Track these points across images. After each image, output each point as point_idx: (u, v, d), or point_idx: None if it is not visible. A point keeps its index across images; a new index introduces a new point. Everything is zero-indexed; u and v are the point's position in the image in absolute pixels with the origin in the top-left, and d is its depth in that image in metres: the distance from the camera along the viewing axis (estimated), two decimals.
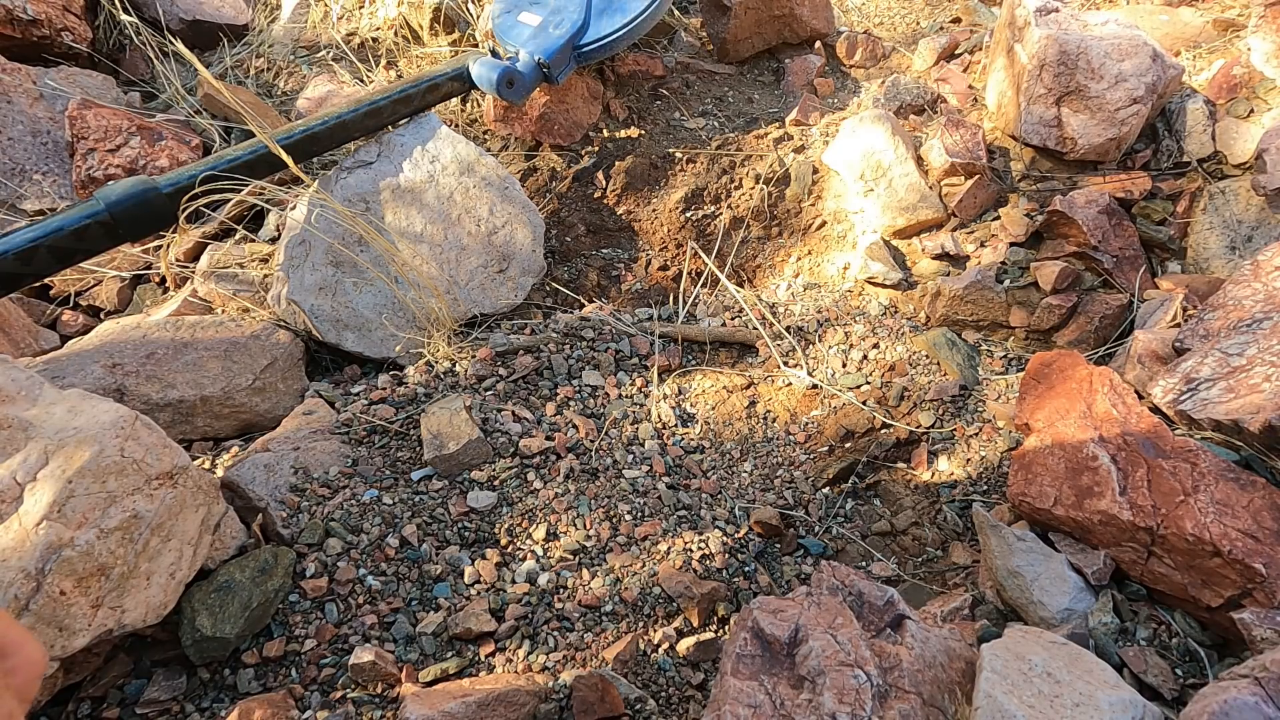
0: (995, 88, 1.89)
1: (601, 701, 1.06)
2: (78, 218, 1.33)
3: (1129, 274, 1.62)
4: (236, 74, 2.14)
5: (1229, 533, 1.00)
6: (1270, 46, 1.69)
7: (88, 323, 1.66)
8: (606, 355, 1.64)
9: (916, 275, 1.79)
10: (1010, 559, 1.14)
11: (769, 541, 1.39)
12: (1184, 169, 1.71)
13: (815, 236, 1.91)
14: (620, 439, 1.50)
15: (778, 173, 1.92)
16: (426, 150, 1.72)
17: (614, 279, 1.87)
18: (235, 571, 1.12)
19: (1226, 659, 1.02)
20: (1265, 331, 1.20)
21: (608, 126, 2.00)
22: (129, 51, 2.13)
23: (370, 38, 2.16)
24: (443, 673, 1.11)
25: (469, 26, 2.08)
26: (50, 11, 1.96)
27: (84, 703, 1.03)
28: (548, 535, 1.30)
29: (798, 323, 1.76)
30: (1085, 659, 0.91)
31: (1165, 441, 1.12)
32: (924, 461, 1.50)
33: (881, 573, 1.33)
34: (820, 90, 2.14)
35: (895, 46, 2.27)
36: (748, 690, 0.87)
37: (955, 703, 0.90)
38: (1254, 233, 1.58)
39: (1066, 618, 1.08)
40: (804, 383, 1.64)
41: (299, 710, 1.05)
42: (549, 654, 1.16)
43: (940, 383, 1.59)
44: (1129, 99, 1.65)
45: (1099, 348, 1.58)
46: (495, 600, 1.20)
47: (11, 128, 1.80)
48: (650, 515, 1.37)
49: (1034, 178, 1.80)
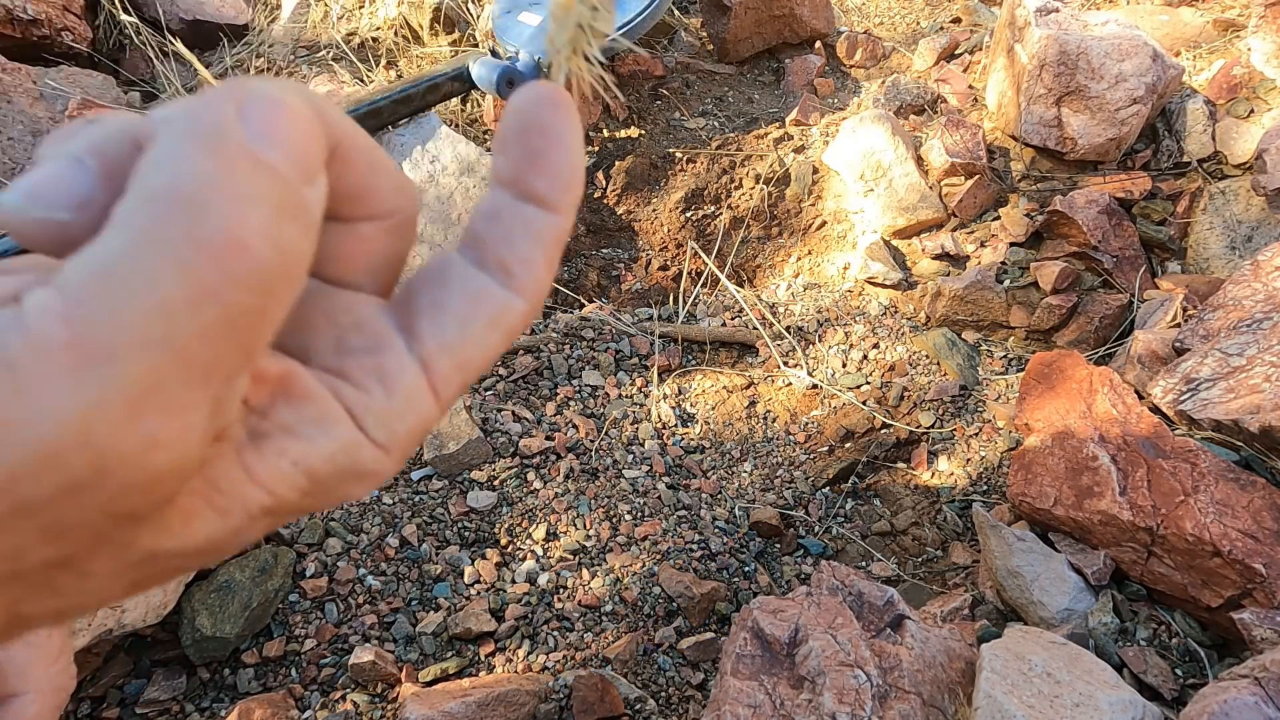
0: (995, 88, 1.89)
1: (601, 701, 1.06)
2: None
3: (1129, 274, 1.62)
4: (237, 74, 2.14)
5: (1229, 533, 1.00)
6: (1270, 46, 1.69)
7: None
8: (606, 355, 1.64)
9: (916, 275, 1.79)
10: (1010, 559, 1.14)
11: (769, 541, 1.39)
12: (1184, 169, 1.71)
13: (815, 236, 1.91)
14: (620, 439, 1.50)
15: (778, 173, 1.92)
16: (426, 150, 1.72)
17: (614, 279, 1.87)
18: (235, 571, 1.12)
19: (1226, 659, 1.02)
20: (1265, 331, 1.20)
21: (607, 126, 2.00)
22: (129, 51, 2.13)
23: (370, 38, 2.16)
24: (443, 673, 1.11)
25: (469, 26, 2.08)
26: (50, 11, 1.96)
27: (84, 703, 1.03)
28: (548, 535, 1.30)
29: (798, 323, 1.76)
30: (1085, 659, 0.91)
31: (1165, 441, 1.12)
32: (924, 461, 1.50)
33: (881, 573, 1.33)
34: (820, 90, 2.14)
35: (895, 46, 2.27)
36: (748, 690, 0.87)
37: (955, 703, 0.90)
38: (1254, 233, 1.58)
39: (1066, 618, 1.08)
40: (804, 383, 1.64)
41: (299, 710, 1.05)
42: (549, 654, 1.16)
43: (940, 383, 1.59)
44: (1129, 99, 1.65)
45: (1099, 348, 1.58)
46: (495, 600, 1.20)
47: (11, 128, 1.80)
48: (650, 515, 1.37)
49: (1034, 178, 1.80)
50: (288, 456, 0.19)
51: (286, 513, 0.20)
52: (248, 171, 0.16)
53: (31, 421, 0.15)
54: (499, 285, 0.21)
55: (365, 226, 0.22)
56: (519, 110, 0.21)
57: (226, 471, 0.18)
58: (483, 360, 0.21)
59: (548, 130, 0.21)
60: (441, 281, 0.21)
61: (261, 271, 0.16)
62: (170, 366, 0.15)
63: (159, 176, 0.16)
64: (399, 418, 0.20)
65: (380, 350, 0.20)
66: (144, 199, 0.16)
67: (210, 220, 0.15)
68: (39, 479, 0.15)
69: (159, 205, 0.15)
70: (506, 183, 0.21)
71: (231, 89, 0.17)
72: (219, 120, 0.16)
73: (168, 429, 0.16)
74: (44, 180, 0.18)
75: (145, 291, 0.15)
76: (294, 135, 0.17)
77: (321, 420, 0.19)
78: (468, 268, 0.21)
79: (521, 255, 0.21)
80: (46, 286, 0.15)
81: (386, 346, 0.20)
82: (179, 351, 0.15)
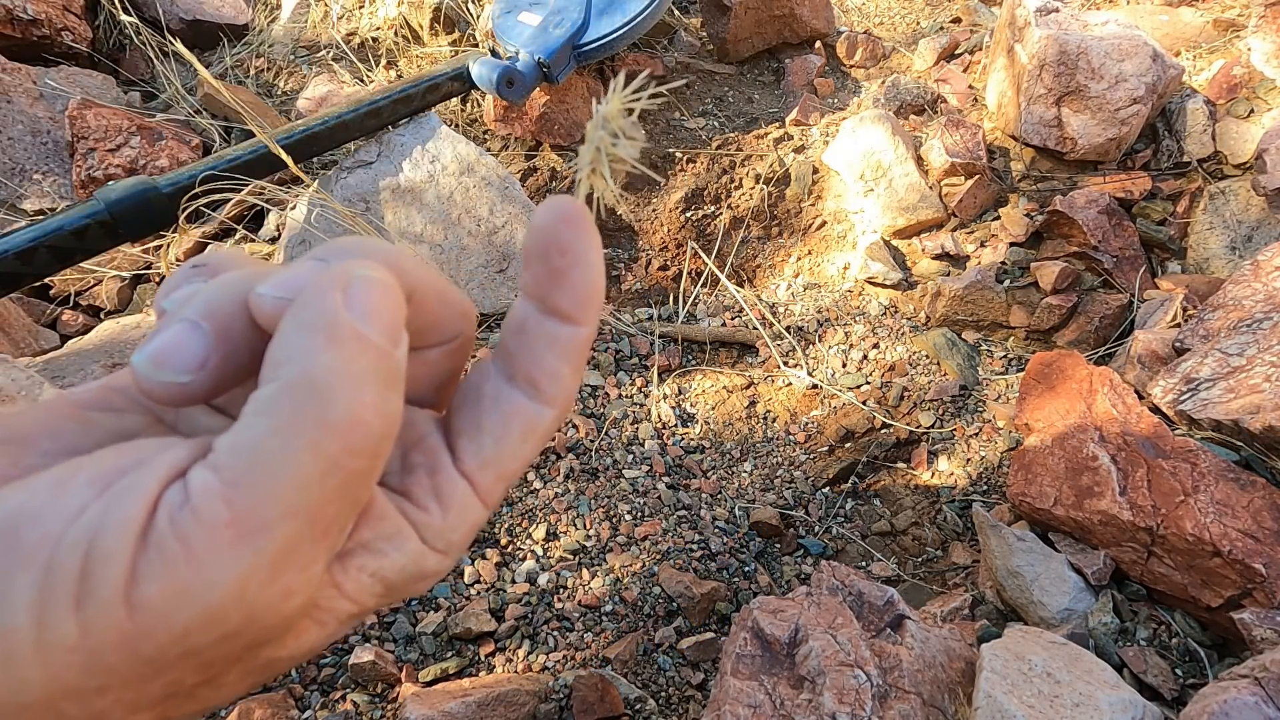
0: (995, 88, 1.89)
1: (601, 701, 1.06)
2: (78, 218, 1.33)
3: (1129, 274, 1.62)
4: (236, 74, 2.14)
5: (1229, 533, 1.00)
6: (1270, 46, 1.69)
7: (88, 322, 1.66)
8: (606, 355, 1.64)
9: (916, 275, 1.79)
10: (1010, 559, 1.14)
11: (769, 541, 1.39)
12: (1184, 169, 1.71)
13: (815, 236, 1.91)
14: (620, 439, 1.50)
15: (778, 173, 1.92)
16: (426, 150, 1.72)
17: (614, 279, 1.87)
18: None
19: (1226, 659, 1.02)
20: (1265, 331, 1.20)
21: None
22: (129, 51, 2.13)
23: (370, 38, 2.16)
24: (443, 672, 1.11)
25: (469, 26, 2.08)
26: (50, 11, 1.96)
27: None
28: (548, 535, 1.30)
29: (798, 323, 1.76)
30: (1085, 659, 0.91)
31: (1165, 441, 1.12)
32: (924, 461, 1.50)
33: (881, 573, 1.33)
34: (820, 90, 2.13)
35: (895, 46, 2.27)
36: (748, 690, 0.87)
37: (955, 703, 0.90)
38: (1254, 233, 1.58)
39: (1066, 618, 1.08)
40: (804, 383, 1.64)
41: (299, 710, 1.05)
42: (549, 654, 1.16)
43: (940, 383, 1.59)
44: (1129, 99, 1.65)
45: (1099, 348, 1.58)
46: (495, 600, 1.20)
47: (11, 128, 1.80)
48: (650, 515, 1.37)
49: (1034, 178, 1.80)
50: (367, 570, 0.22)
51: (365, 615, 0.23)
52: (358, 353, 0.19)
53: (202, 588, 0.18)
54: (528, 399, 0.24)
55: (432, 352, 0.25)
56: (542, 228, 0.23)
57: (323, 591, 0.21)
58: (520, 467, 0.24)
59: (568, 249, 0.23)
60: (477, 400, 0.24)
61: (374, 439, 0.20)
62: (304, 531, 0.19)
63: (291, 370, 0.19)
64: (454, 530, 0.23)
65: (436, 470, 0.24)
66: (283, 390, 0.19)
67: (336, 406, 0.19)
68: (205, 631, 0.19)
69: (295, 396, 0.19)
70: (533, 296, 0.24)
71: (336, 274, 0.20)
72: (332, 310, 0.20)
73: (299, 580, 0.20)
74: (168, 347, 0.22)
75: (288, 472, 0.18)
76: (386, 308, 0.20)
77: (394, 537, 0.22)
78: (500, 384, 0.24)
79: (548, 370, 0.24)
80: (206, 469, 0.19)
81: (441, 466, 0.24)
82: (311, 517, 0.19)
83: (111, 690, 0.18)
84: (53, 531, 0.18)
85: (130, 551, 0.18)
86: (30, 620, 0.17)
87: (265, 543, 0.18)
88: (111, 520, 0.18)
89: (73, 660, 0.18)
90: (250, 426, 0.19)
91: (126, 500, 0.18)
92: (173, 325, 0.22)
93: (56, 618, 0.17)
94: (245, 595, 0.18)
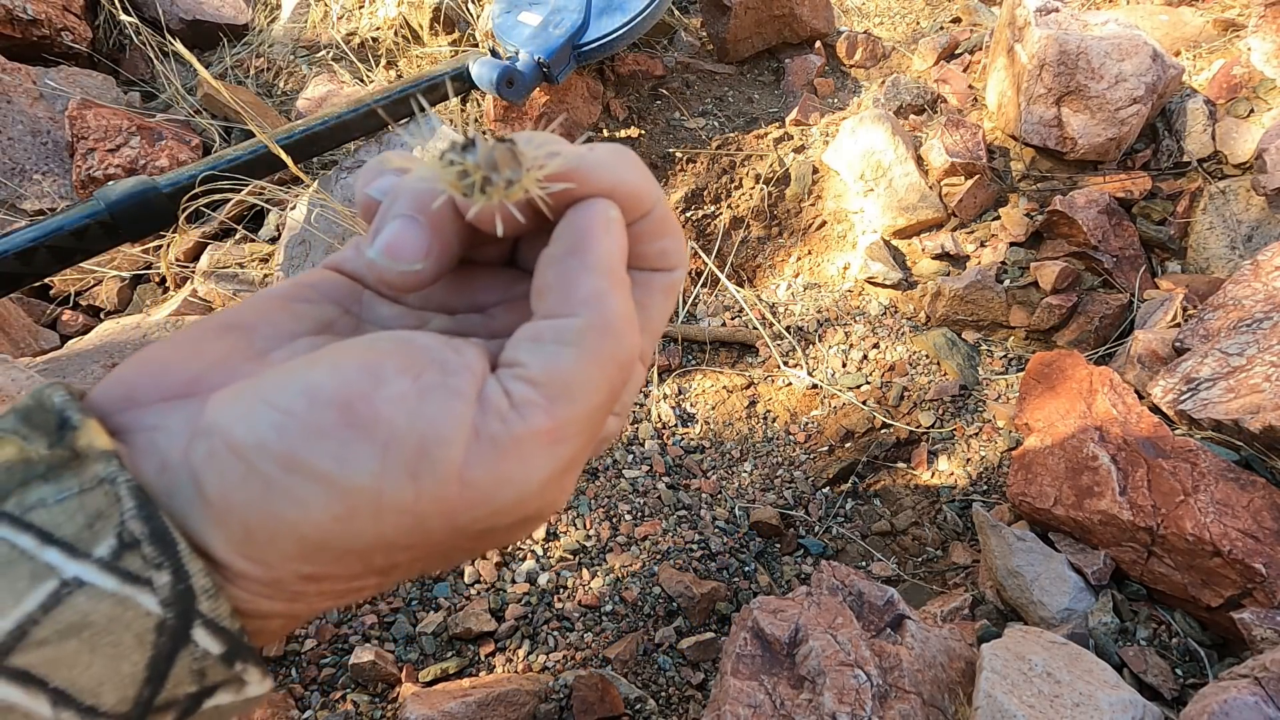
0: (995, 88, 1.89)
1: (601, 701, 1.06)
2: (78, 218, 1.33)
3: (1129, 274, 1.62)
4: (236, 74, 2.14)
5: (1229, 533, 1.00)
6: (1270, 46, 1.69)
7: (88, 323, 1.66)
8: None
9: (916, 275, 1.79)
10: (1010, 559, 1.14)
11: (769, 541, 1.39)
12: (1184, 169, 1.71)
13: (815, 236, 1.91)
14: (620, 439, 1.50)
15: (778, 173, 1.92)
16: (426, 150, 1.72)
17: None
18: None
19: (1226, 659, 1.02)
20: (1265, 331, 1.20)
21: (608, 126, 2.00)
22: (129, 51, 2.13)
23: (370, 38, 2.16)
24: (443, 672, 1.11)
25: (469, 26, 2.08)
26: (50, 11, 1.96)
27: None
28: (547, 535, 1.30)
29: (798, 323, 1.76)
30: (1085, 659, 0.91)
31: (1165, 441, 1.12)
32: (924, 461, 1.50)
33: (881, 573, 1.33)
34: (820, 90, 2.13)
35: (895, 46, 2.27)
36: (748, 690, 0.87)
37: (955, 703, 0.90)
38: (1254, 233, 1.58)
39: (1066, 618, 1.08)
40: (804, 383, 1.64)
41: (299, 710, 1.05)
42: (549, 654, 1.16)
43: (940, 383, 1.59)
44: (1129, 99, 1.65)
45: (1099, 348, 1.58)
46: (495, 600, 1.20)
47: (11, 128, 1.80)
48: (650, 515, 1.37)
49: (1034, 178, 1.80)
50: None
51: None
52: (629, 296, 0.24)
53: (523, 478, 0.22)
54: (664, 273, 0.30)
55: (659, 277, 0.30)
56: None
57: None
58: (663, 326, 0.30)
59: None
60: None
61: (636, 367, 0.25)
62: (589, 440, 0.24)
63: (593, 311, 0.23)
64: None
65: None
66: (588, 329, 0.23)
67: (625, 347, 0.23)
68: (511, 512, 0.23)
69: (599, 335, 0.23)
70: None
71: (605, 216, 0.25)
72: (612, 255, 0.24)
73: (572, 479, 0.24)
74: (397, 241, 0.25)
75: (591, 399, 0.23)
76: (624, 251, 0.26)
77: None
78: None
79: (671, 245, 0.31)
80: (525, 384, 0.22)
81: None
82: (593, 433, 0.24)
83: (415, 548, 0.22)
84: (383, 413, 0.21)
85: (464, 440, 0.21)
86: (372, 483, 0.20)
87: (566, 449, 0.23)
88: (447, 412, 0.21)
89: (402, 521, 0.21)
90: (561, 355, 0.22)
91: (455, 399, 0.21)
92: (391, 221, 0.26)
93: (397, 485, 0.20)
94: (547, 487, 0.23)
